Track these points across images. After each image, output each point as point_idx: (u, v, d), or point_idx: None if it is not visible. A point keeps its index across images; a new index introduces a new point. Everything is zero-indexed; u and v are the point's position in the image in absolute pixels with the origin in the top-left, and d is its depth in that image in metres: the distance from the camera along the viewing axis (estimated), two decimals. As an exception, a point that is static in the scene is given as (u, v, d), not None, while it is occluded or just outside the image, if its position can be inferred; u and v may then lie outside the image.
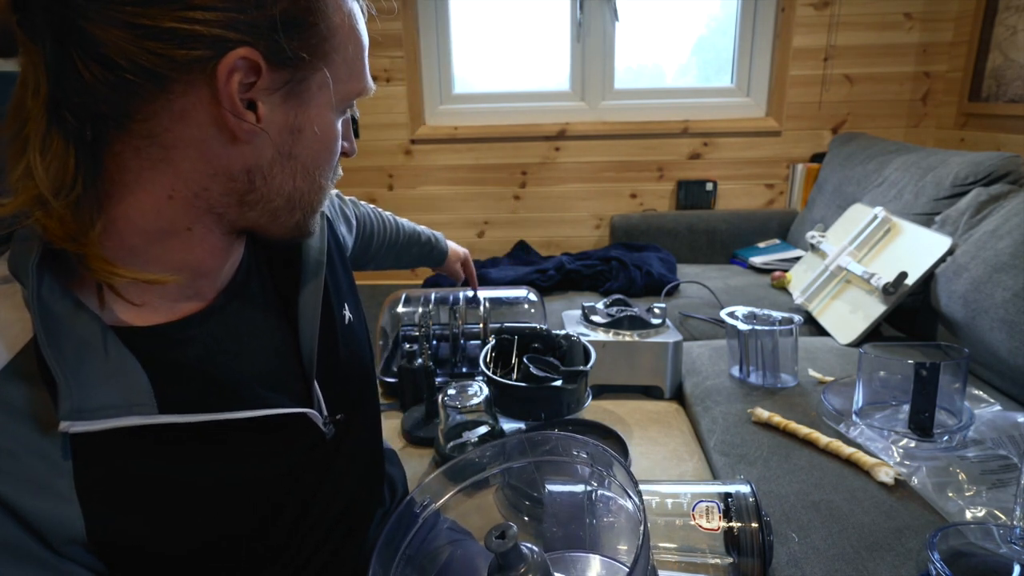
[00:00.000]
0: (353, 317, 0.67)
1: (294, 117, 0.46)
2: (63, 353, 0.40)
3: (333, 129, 0.50)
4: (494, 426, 1.03)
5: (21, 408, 0.40)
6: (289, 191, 0.49)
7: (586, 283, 1.89)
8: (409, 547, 0.45)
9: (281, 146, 0.47)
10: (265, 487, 0.51)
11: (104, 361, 0.42)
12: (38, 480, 0.40)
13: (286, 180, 0.48)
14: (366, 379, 0.68)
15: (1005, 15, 1.85)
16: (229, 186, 0.46)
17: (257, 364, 0.53)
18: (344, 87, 0.49)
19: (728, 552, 0.71)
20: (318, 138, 0.48)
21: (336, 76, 0.48)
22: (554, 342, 1.17)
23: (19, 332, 0.41)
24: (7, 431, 0.39)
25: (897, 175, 1.65)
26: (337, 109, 0.50)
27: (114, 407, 0.42)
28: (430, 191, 2.39)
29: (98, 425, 0.41)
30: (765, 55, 2.25)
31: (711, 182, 2.31)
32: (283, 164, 0.47)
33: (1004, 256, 1.13)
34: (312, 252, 0.59)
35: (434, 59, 2.31)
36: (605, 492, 0.62)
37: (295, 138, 0.47)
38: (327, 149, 0.50)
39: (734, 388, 1.19)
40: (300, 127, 0.47)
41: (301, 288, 0.57)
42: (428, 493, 0.48)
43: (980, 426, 0.93)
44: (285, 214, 0.50)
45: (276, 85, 0.44)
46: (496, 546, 0.38)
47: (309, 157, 0.49)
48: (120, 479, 0.43)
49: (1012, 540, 0.63)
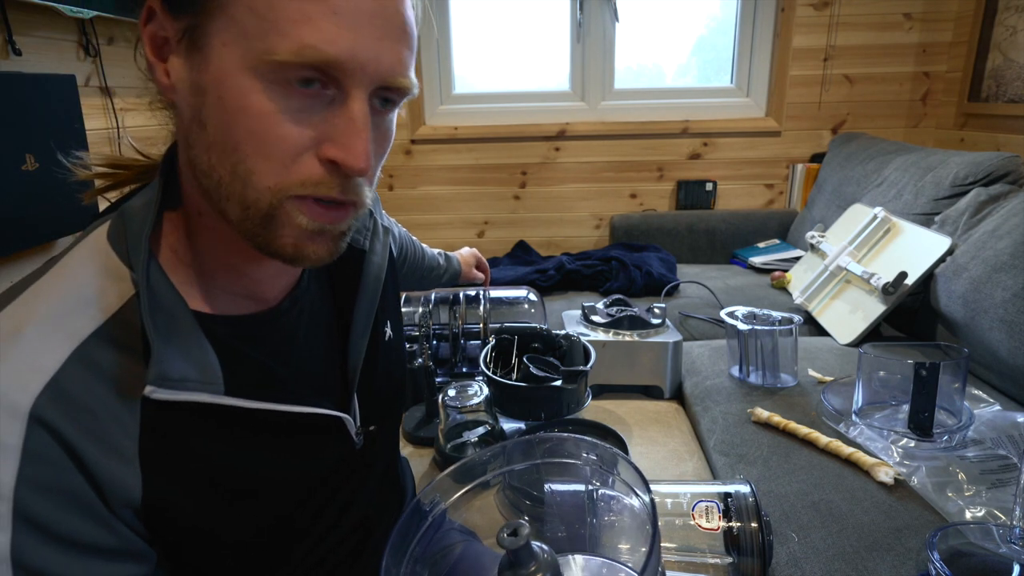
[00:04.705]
0: (393, 334, 0.67)
1: (197, 75, 0.40)
2: (157, 325, 0.42)
3: (248, 99, 0.39)
4: (494, 426, 1.03)
5: (107, 370, 0.41)
6: (207, 169, 0.42)
7: (586, 283, 1.89)
8: (418, 546, 0.45)
9: (193, 110, 0.41)
10: (295, 488, 0.52)
11: (186, 339, 0.44)
12: (110, 440, 0.41)
13: (203, 155, 0.42)
14: (397, 395, 0.69)
15: (1005, 15, 1.85)
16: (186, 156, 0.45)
17: (306, 368, 0.55)
18: (258, 44, 0.38)
19: (728, 552, 0.71)
20: (223, 105, 0.40)
21: (241, 29, 0.38)
22: (554, 342, 1.17)
23: (113, 299, 0.43)
24: (91, 390, 0.40)
25: (897, 175, 1.65)
26: (258, 74, 0.39)
27: (192, 381, 0.43)
28: (430, 191, 2.40)
29: (176, 395, 0.42)
30: (765, 55, 2.25)
31: (711, 182, 2.31)
32: (199, 133, 0.42)
33: (1004, 256, 1.13)
34: (373, 269, 0.60)
35: (434, 59, 2.31)
36: (607, 491, 0.62)
37: (201, 101, 0.41)
38: (238, 124, 0.40)
39: (734, 388, 1.19)
40: (203, 88, 0.40)
41: (357, 303, 0.58)
42: (436, 493, 0.48)
43: (980, 426, 0.93)
44: (220, 201, 0.43)
45: (176, 34, 0.40)
46: (508, 543, 0.38)
47: (218, 129, 0.40)
48: (178, 452, 0.44)
49: (1012, 540, 0.63)
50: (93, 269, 0.44)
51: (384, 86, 0.42)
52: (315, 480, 0.54)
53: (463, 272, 1.25)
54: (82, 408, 0.40)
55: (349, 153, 0.41)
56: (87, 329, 0.41)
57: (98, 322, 0.42)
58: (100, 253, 0.44)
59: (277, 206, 0.42)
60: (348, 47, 0.39)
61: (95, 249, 0.45)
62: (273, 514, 0.51)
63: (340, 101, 0.41)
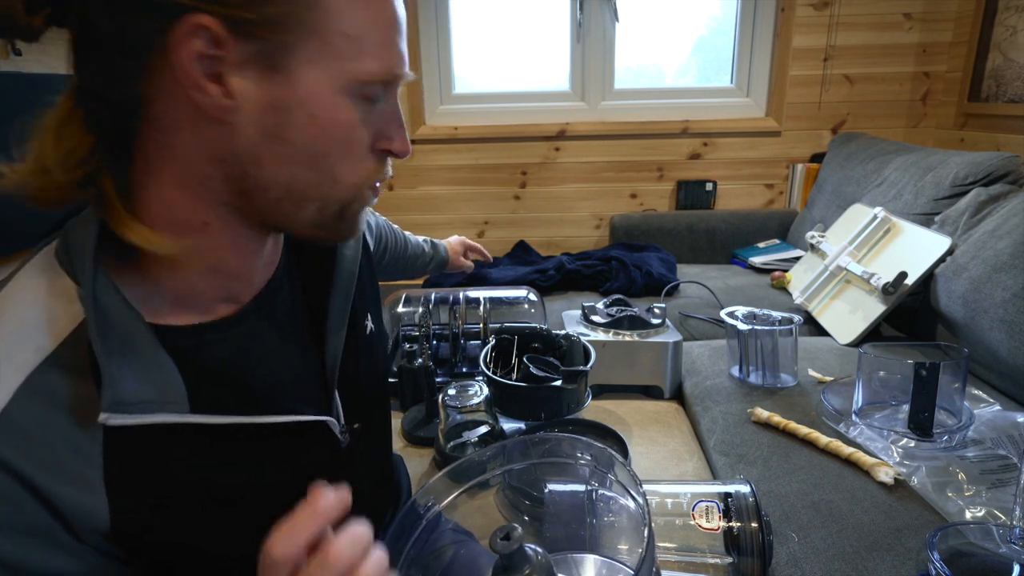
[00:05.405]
0: (375, 328, 0.67)
1: (277, 94, 0.42)
2: (109, 346, 0.41)
3: (339, 113, 0.44)
4: (494, 426, 1.03)
5: (61, 398, 0.40)
6: (287, 180, 0.45)
7: (586, 283, 1.89)
8: (413, 548, 0.45)
9: (266, 127, 0.42)
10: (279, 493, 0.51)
11: (143, 358, 0.43)
12: (70, 469, 0.40)
13: (281, 167, 0.44)
14: (382, 390, 0.68)
15: (1005, 15, 1.85)
16: (225, 171, 0.44)
17: (282, 369, 0.53)
18: (350, 66, 0.42)
19: (728, 552, 0.71)
20: (315, 122, 0.43)
21: (333, 51, 0.42)
22: (554, 342, 1.17)
23: (65, 323, 0.41)
24: (45, 421, 0.39)
25: (897, 175, 1.65)
26: (345, 91, 0.43)
27: (150, 403, 0.42)
28: (430, 191, 2.39)
29: (133, 420, 0.41)
30: (765, 55, 2.25)
31: (711, 182, 2.31)
32: (272, 148, 0.43)
33: (1004, 256, 1.13)
34: (345, 262, 0.59)
35: (434, 59, 2.30)
36: (606, 492, 0.62)
37: (283, 119, 0.42)
38: (330, 136, 0.44)
39: (734, 388, 1.19)
40: (287, 107, 0.42)
41: (331, 297, 0.57)
42: (431, 495, 0.48)
43: (980, 426, 0.93)
44: (290, 207, 0.46)
45: (246, 57, 0.40)
46: (501, 547, 0.38)
47: (307, 143, 0.44)
48: (147, 474, 0.43)
49: (1012, 540, 0.63)
50: (41, 292, 0.42)
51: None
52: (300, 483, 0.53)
53: (451, 260, 1.23)
54: (36, 441, 0.39)
55: (400, 142, 0.49)
56: (36, 358, 0.40)
57: (48, 349, 0.40)
58: (47, 272, 0.43)
59: (357, 196, 0.49)
60: (404, 65, 0.46)
61: (41, 268, 0.43)
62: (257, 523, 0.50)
63: (382, 100, 0.47)
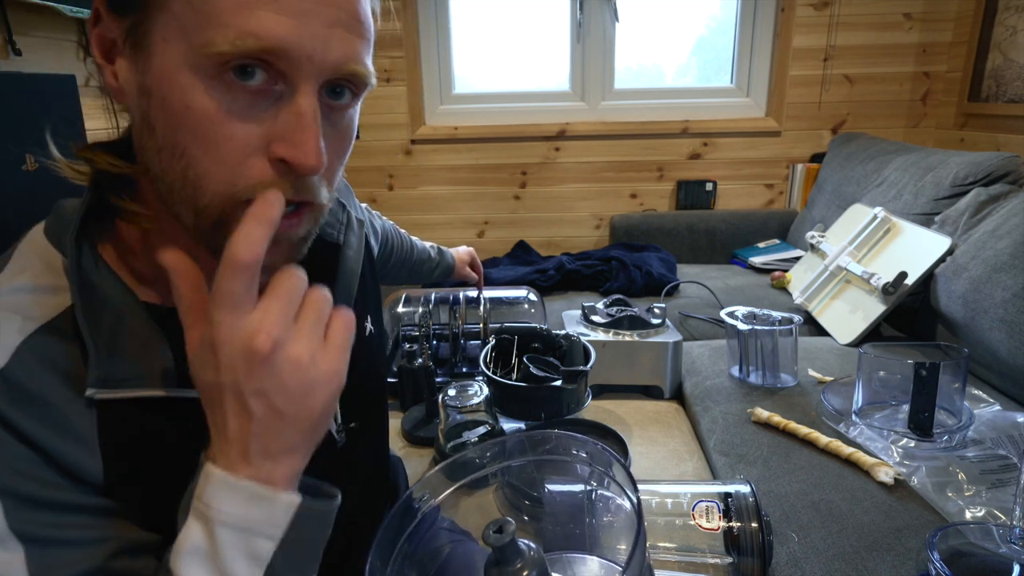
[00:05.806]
0: (374, 329, 0.66)
1: (141, 76, 0.39)
2: (99, 324, 0.42)
3: (189, 98, 0.37)
4: (494, 426, 1.03)
5: (59, 362, 0.41)
6: (160, 174, 0.40)
7: (586, 283, 1.89)
8: (407, 543, 0.45)
9: (141, 112, 0.40)
10: None
11: (134, 334, 0.43)
12: (68, 428, 0.40)
13: (153, 159, 0.40)
14: (380, 391, 0.68)
15: (1005, 15, 1.85)
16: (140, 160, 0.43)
17: None
18: (195, 38, 0.36)
19: (728, 552, 0.71)
20: (166, 107, 0.38)
21: (179, 24, 0.36)
22: (554, 342, 1.17)
23: (61, 299, 0.42)
24: (44, 380, 0.40)
25: (897, 175, 1.65)
26: (196, 70, 0.37)
27: (138, 378, 0.42)
28: (430, 191, 2.39)
29: (120, 394, 0.42)
30: (765, 55, 2.25)
31: (711, 182, 2.31)
32: (148, 137, 0.40)
33: (1004, 256, 1.13)
34: (348, 262, 0.59)
35: (434, 59, 2.31)
36: (604, 492, 0.62)
37: (148, 103, 0.39)
38: (183, 125, 0.38)
39: (734, 388, 1.19)
40: (148, 88, 0.39)
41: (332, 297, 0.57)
42: (427, 489, 0.48)
43: (980, 426, 0.93)
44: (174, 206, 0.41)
45: (121, 35, 0.39)
46: (494, 540, 0.38)
47: (166, 131, 0.39)
48: (137, 443, 0.43)
49: (1012, 540, 0.63)
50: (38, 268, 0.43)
51: (336, 77, 0.40)
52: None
53: (456, 268, 1.24)
54: (35, 398, 0.39)
55: (299, 150, 0.38)
56: (34, 324, 0.41)
57: (45, 319, 0.41)
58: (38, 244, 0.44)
59: (230, 212, 0.39)
60: (290, 34, 0.36)
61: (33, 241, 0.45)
62: None
63: (288, 97, 0.38)
